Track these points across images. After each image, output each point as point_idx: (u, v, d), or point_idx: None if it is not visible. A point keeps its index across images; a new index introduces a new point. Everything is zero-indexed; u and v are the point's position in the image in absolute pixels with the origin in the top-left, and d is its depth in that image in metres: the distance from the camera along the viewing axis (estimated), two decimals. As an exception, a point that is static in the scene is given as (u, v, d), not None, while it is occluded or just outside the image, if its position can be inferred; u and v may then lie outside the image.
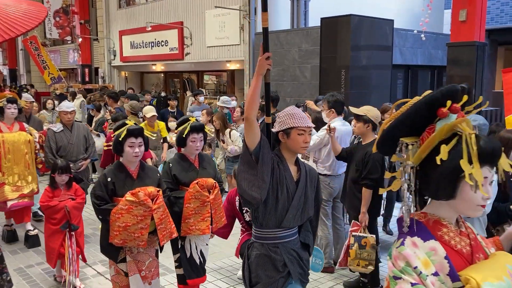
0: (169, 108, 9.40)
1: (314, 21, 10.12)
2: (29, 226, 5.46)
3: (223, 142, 6.35)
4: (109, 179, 3.17)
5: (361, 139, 4.33)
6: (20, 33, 5.46)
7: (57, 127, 5.41)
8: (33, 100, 7.93)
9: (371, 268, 3.88)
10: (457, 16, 6.85)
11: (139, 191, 3.06)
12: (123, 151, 3.18)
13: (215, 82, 15.00)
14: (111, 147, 3.33)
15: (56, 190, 4.24)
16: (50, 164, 4.90)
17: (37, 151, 5.41)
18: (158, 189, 3.25)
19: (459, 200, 1.47)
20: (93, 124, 8.22)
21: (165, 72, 15.89)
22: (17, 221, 5.45)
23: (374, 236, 3.95)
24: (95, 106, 8.72)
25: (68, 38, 18.64)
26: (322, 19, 8.64)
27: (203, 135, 3.66)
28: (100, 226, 3.45)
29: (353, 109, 4.20)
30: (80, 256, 4.31)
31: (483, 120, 3.03)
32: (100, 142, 7.46)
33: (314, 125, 4.69)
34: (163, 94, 14.48)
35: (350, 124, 4.69)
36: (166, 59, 13.84)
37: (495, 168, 1.48)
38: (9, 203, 5.17)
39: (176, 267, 3.77)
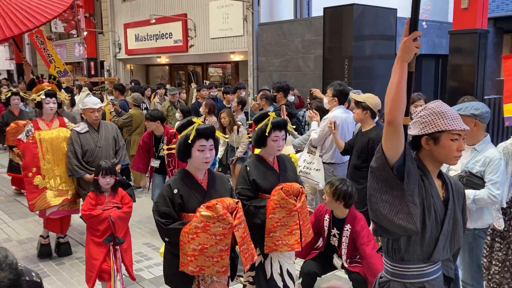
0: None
1: (317, 11, 10.10)
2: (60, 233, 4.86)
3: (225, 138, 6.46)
4: (175, 191, 2.59)
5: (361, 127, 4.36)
6: (43, 22, 4.91)
7: (81, 127, 4.60)
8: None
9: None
10: (459, 3, 6.82)
11: (216, 204, 2.48)
12: (191, 156, 2.62)
13: (220, 74, 15.02)
14: (172, 151, 2.76)
15: (100, 196, 3.74)
16: (76, 172, 4.47)
17: None
18: (237, 200, 2.70)
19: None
20: None
21: (170, 65, 15.94)
22: (55, 230, 4.80)
23: None
24: (100, 99, 8.82)
25: (74, 32, 18.71)
26: (325, 8, 8.62)
27: (285, 133, 3.20)
28: (161, 249, 2.93)
29: (353, 95, 4.25)
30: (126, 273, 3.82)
31: (485, 108, 3.04)
32: None
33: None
34: (168, 86, 14.53)
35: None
36: (170, 52, 13.88)
37: None
38: (48, 211, 4.54)
39: (249, 283, 3.27)
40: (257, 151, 3.44)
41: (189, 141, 2.56)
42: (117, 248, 3.67)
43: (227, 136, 6.09)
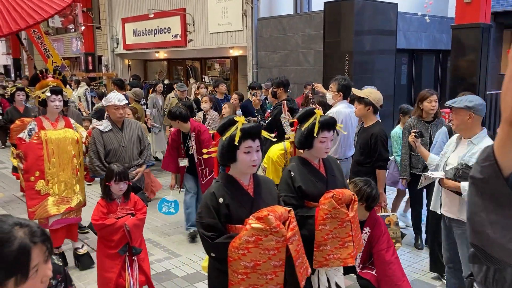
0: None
1: (317, 5, 10.03)
2: (76, 243, 4.43)
3: None
4: (220, 200, 2.30)
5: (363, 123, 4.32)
6: (51, 14, 4.40)
7: (104, 125, 4.27)
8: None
9: (399, 245, 3.81)
10: (462, -2, 6.77)
11: (268, 214, 2.19)
12: (236, 159, 2.32)
13: (219, 70, 14.95)
14: (213, 155, 2.47)
15: (111, 203, 3.42)
16: (98, 174, 4.18)
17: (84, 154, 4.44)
18: (289, 208, 2.39)
19: None
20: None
21: (169, 60, 15.86)
22: (58, 242, 4.25)
23: (395, 213, 4.01)
24: (97, 93, 8.75)
25: (71, 26, 18.60)
26: (325, 3, 8.55)
27: (333, 134, 2.88)
28: (204, 263, 2.69)
29: (355, 91, 4.21)
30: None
31: (479, 100, 3.05)
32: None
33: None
34: (166, 81, 14.46)
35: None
36: (169, 46, 13.79)
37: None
38: (51, 220, 4.13)
39: None
40: (294, 151, 3.18)
41: (236, 143, 2.26)
42: (134, 259, 3.37)
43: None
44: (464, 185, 2.91)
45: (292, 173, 2.83)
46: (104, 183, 3.50)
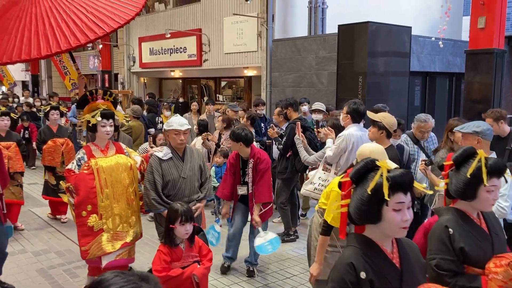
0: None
1: (331, 28, 10.16)
2: None
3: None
4: (362, 275, 1.70)
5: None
6: (114, 28, 3.73)
7: (164, 152, 3.80)
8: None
9: None
10: (475, 23, 6.83)
11: None
12: (381, 218, 1.72)
13: (232, 88, 15.13)
14: (343, 210, 1.83)
15: (175, 249, 3.01)
16: (153, 208, 3.71)
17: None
18: None
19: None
20: None
21: (184, 78, 16.09)
22: None
23: None
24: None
25: (89, 44, 18.99)
26: (339, 26, 8.69)
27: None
28: None
29: (369, 114, 4.25)
30: None
31: (486, 125, 3.18)
32: None
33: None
34: (181, 100, 14.67)
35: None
36: (184, 66, 14.02)
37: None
38: (105, 260, 3.68)
39: None
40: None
41: (386, 197, 1.67)
42: None
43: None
44: None
45: (450, 230, 2.24)
46: (166, 226, 3.11)
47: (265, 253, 4.48)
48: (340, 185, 1.84)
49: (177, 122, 3.81)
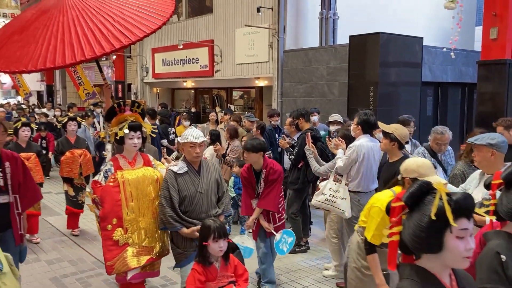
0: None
1: (342, 38, 10.20)
2: None
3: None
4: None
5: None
6: (140, 38, 3.58)
7: (179, 166, 3.63)
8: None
9: None
10: (488, 34, 6.81)
11: None
12: (442, 247, 1.55)
13: (244, 98, 15.22)
14: (394, 238, 1.64)
15: (209, 268, 2.87)
16: (170, 225, 3.51)
17: None
18: None
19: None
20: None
21: (196, 89, 16.24)
22: None
23: None
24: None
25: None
26: (350, 37, 8.72)
27: None
28: None
29: (381, 125, 4.24)
30: None
31: (501, 138, 3.12)
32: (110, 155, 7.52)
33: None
34: (193, 110, 14.80)
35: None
36: (196, 76, 14.16)
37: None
38: (130, 274, 3.59)
39: None
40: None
41: (453, 223, 1.50)
42: None
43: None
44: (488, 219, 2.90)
45: (502, 256, 1.99)
46: (199, 243, 2.98)
47: (282, 253, 4.37)
48: (389, 210, 1.66)
49: (192, 134, 3.63)
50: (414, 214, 1.58)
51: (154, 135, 5.86)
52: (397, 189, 3.03)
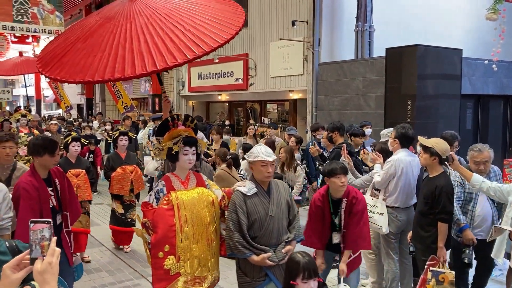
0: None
1: (378, 51, 10.09)
2: None
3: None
4: None
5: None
6: (213, 48, 3.28)
7: (248, 187, 3.31)
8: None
9: None
10: (531, 44, 6.58)
11: None
12: None
13: (277, 111, 15.24)
14: None
15: None
16: (238, 252, 3.20)
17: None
18: None
19: None
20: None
21: (230, 102, 16.40)
22: None
23: (453, 272, 3.81)
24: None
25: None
26: (387, 49, 8.64)
27: None
28: None
29: (421, 139, 4.15)
30: None
31: None
32: (152, 165, 7.41)
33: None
34: (227, 122, 14.93)
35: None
36: (231, 89, 14.31)
37: None
38: None
39: None
40: None
41: None
42: None
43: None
44: None
45: None
46: (285, 282, 2.71)
47: None
48: None
49: (263, 152, 3.29)
50: None
51: (211, 152, 5.58)
52: None
